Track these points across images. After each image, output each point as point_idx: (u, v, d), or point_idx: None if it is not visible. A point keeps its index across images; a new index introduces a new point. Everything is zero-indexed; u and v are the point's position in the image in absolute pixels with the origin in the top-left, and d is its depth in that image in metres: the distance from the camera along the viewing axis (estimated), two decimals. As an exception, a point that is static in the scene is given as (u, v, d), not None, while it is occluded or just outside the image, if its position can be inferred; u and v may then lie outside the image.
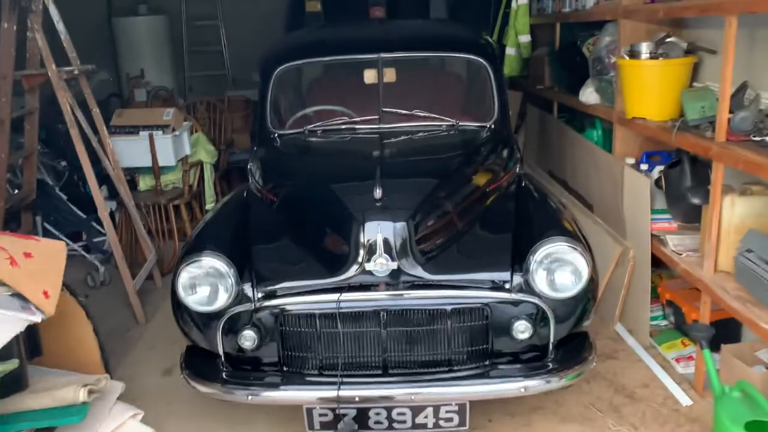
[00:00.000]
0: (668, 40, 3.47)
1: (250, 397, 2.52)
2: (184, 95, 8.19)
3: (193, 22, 8.37)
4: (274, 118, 3.60)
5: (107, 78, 8.05)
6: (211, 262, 2.54)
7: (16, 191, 4.46)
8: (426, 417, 2.53)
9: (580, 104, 4.47)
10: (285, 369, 2.60)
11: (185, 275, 2.54)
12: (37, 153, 4.85)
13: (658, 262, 3.46)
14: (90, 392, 2.42)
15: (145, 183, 5.07)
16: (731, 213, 2.85)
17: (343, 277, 2.51)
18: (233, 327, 2.58)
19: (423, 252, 2.56)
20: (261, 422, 2.96)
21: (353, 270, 2.50)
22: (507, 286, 2.53)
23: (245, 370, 2.65)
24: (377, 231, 2.48)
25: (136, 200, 4.83)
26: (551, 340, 2.59)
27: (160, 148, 4.69)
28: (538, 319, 2.55)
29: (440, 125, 3.46)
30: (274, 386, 2.54)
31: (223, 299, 2.53)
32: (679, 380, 3.20)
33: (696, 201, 3.10)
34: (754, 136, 2.63)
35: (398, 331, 2.52)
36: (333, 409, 2.52)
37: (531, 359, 2.62)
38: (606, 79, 4.04)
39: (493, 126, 3.52)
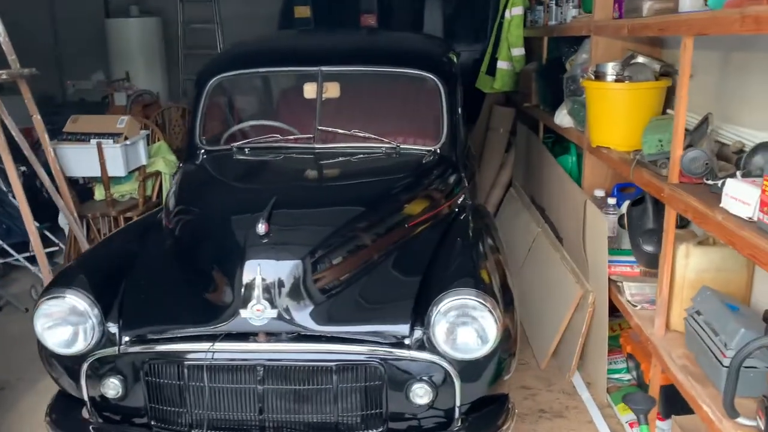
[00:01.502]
0: (636, 60, 3.08)
1: (107, 457, 2.23)
2: (178, 98, 8.01)
3: (190, 25, 8.19)
4: (203, 133, 3.31)
5: (104, 79, 7.93)
6: (73, 300, 2.25)
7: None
8: (305, 490, 2.20)
9: (557, 126, 4.09)
10: (153, 424, 2.30)
11: (43, 312, 2.25)
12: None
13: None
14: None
15: (100, 193, 4.83)
16: (685, 265, 2.46)
17: (217, 323, 2.20)
18: (98, 373, 2.28)
19: (317, 297, 2.23)
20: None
21: (227, 317, 2.18)
22: (407, 341, 2.19)
23: (114, 422, 2.35)
24: (257, 272, 2.16)
25: (90, 211, 4.62)
26: (457, 404, 2.23)
27: (109, 158, 4.46)
28: (441, 381, 2.20)
29: (380, 147, 3.13)
30: (135, 446, 2.24)
31: (81, 342, 2.24)
32: (629, 449, 2.81)
33: (648, 248, 2.71)
34: (707, 179, 2.23)
35: (277, 389, 2.20)
36: (199, 475, 2.21)
37: (434, 427, 2.27)
38: (579, 100, 3.66)
39: (438, 150, 3.16)
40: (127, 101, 6.37)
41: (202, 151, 3.25)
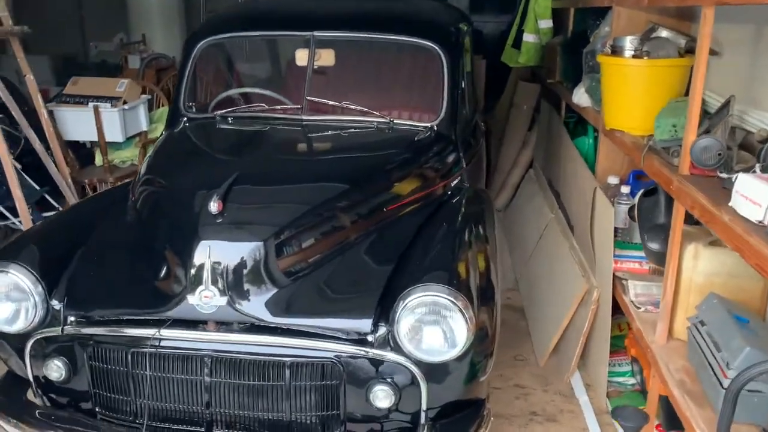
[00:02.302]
0: (658, 34, 2.76)
1: (47, 441, 2.08)
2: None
3: (213, -13, 7.97)
4: (188, 99, 3.12)
5: (123, 41, 7.80)
6: (15, 277, 2.09)
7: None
8: (251, 493, 2.03)
9: (576, 105, 3.78)
10: (98, 410, 2.14)
11: (-16, 286, 2.11)
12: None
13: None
14: None
15: (100, 158, 4.71)
16: (693, 267, 2.19)
17: (164, 309, 2.02)
18: (42, 353, 2.14)
19: (273, 285, 2.03)
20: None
21: (174, 302, 2.00)
22: (369, 338, 1.97)
23: (60, 405, 2.21)
24: (207, 254, 1.97)
25: (89, 176, 4.51)
26: (423, 408, 2.01)
27: (107, 122, 4.32)
28: (405, 383, 1.99)
29: (373, 122, 2.89)
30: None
31: (22, 321, 2.08)
32: (623, 463, 2.56)
33: (653, 245, 2.42)
34: (720, 172, 1.94)
35: (226, 382, 2.01)
36: (141, 468, 2.05)
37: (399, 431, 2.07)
38: (597, 77, 3.34)
39: (436, 127, 2.91)
40: (141, 64, 6.22)
41: (185, 118, 3.06)
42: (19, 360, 2.18)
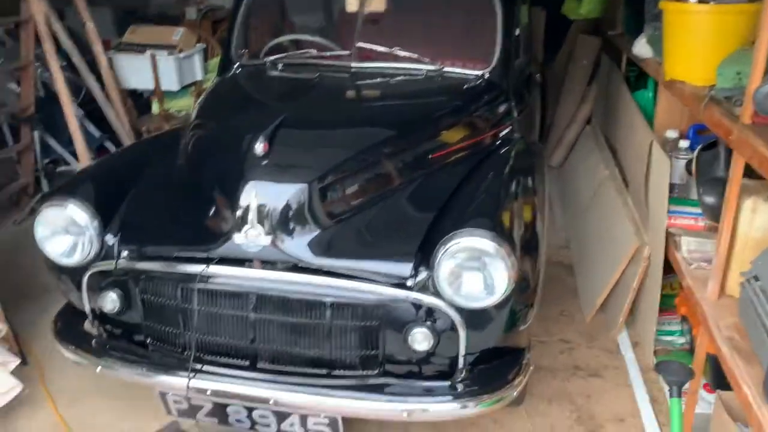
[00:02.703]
0: (728, -23, 2.59)
1: (99, 369, 2.19)
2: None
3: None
4: (239, 47, 3.14)
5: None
6: (73, 211, 2.18)
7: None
8: (292, 425, 2.10)
9: (636, 57, 3.62)
10: (149, 342, 2.24)
11: (43, 219, 2.21)
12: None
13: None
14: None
15: (157, 107, 4.81)
16: (751, 221, 2.09)
17: (213, 247, 2.07)
18: (98, 286, 2.23)
19: (316, 227, 2.06)
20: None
21: (221, 240, 2.05)
22: (409, 283, 1.98)
23: (114, 336, 2.32)
24: (252, 195, 2.00)
25: (146, 124, 4.61)
26: (461, 354, 2.02)
27: (163, 71, 4.39)
28: (443, 327, 1.99)
29: (422, 69, 2.85)
30: (127, 362, 2.18)
31: (79, 254, 2.18)
32: (666, 420, 2.53)
33: (709, 199, 2.33)
34: (786, 121, 1.84)
35: (270, 319, 2.06)
36: (188, 398, 2.14)
37: (436, 375, 2.08)
38: (659, 26, 3.17)
39: (487, 76, 2.85)
40: (197, 15, 6.26)
41: (236, 64, 3.09)
42: (77, 293, 2.29)
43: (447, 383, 2.04)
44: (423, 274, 1.98)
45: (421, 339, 1.98)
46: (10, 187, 4.39)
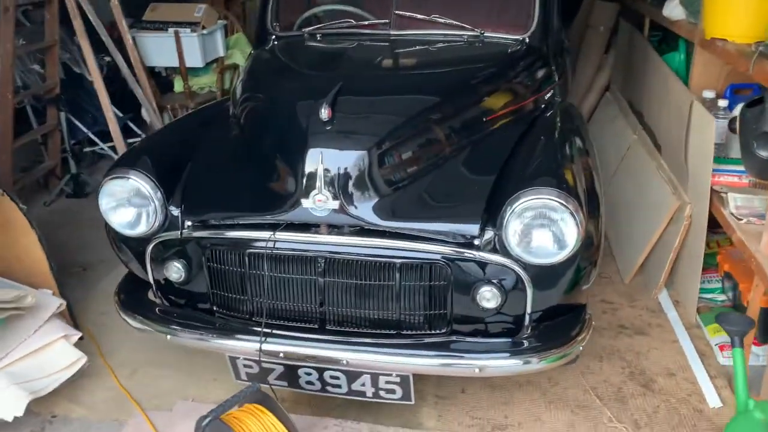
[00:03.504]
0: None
1: (169, 337, 2.23)
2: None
3: None
4: (275, 17, 3.14)
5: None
6: (136, 183, 2.20)
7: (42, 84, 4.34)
8: (363, 385, 2.14)
9: (665, 20, 3.63)
10: (215, 309, 2.28)
11: (107, 191, 2.23)
12: (75, 46, 4.72)
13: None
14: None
15: (180, 85, 4.81)
16: (807, 174, 2.13)
17: (278, 212, 2.10)
18: (162, 256, 2.27)
19: (382, 191, 2.08)
20: (212, 363, 2.66)
21: (288, 206, 2.08)
22: (476, 242, 2.02)
23: (178, 305, 2.36)
24: (319, 160, 2.02)
25: (169, 102, 4.61)
26: (528, 311, 2.07)
27: (187, 48, 4.39)
28: (510, 285, 2.04)
29: (463, 35, 2.87)
30: (197, 329, 2.22)
31: (144, 225, 2.21)
32: (716, 373, 2.58)
33: (763, 152, 2.36)
34: None
35: (338, 282, 2.10)
36: (258, 362, 2.18)
37: (502, 332, 2.13)
38: (693, -13, 3.20)
39: (527, 40, 2.87)
40: (212, -8, 6.22)
41: (273, 36, 3.09)
42: (138, 262, 2.33)
43: (513, 340, 2.09)
44: (489, 233, 2.02)
45: (489, 297, 2.03)
46: (38, 169, 4.41)
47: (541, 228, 1.96)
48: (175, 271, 2.24)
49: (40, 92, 4.26)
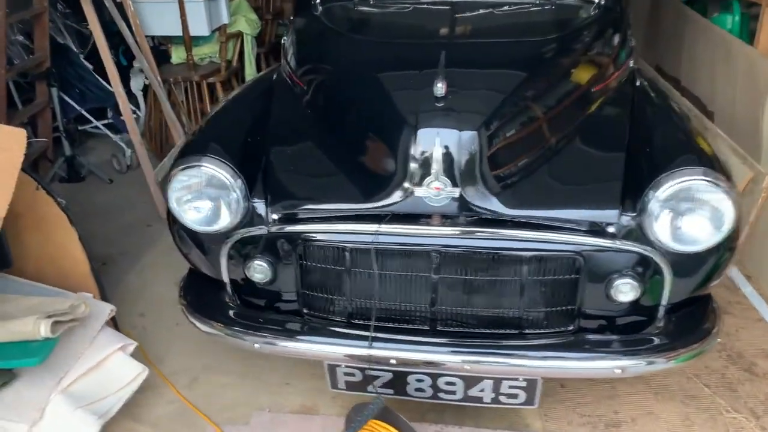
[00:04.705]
0: None
1: (258, 346, 1.96)
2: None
3: None
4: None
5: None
6: (212, 170, 1.90)
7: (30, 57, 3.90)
8: (482, 391, 1.93)
9: (714, -20, 3.46)
10: (305, 312, 2.02)
11: (179, 184, 1.92)
12: (58, 14, 4.27)
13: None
14: (56, 324, 1.90)
15: (178, 55, 4.40)
16: None
17: (384, 202, 1.84)
18: (241, 254, 1.99)
19: (504, 176, 1.85)
20: (280, 366, 2.42)
21: (398, 194, 1.82)
22: (611, 230, 1.81)
23: (257, 307, 2.08)
24: (435, 142, 1.77)
25: (167, 75, 4.21)
26: (663, 303, 1.89)
27: (191, 15, 3.98)
28: (648, 276, 1.85)
29: (529, -2, 2.62)
30: (291, 334, 1.96)
31: (226, 219, 1.91)
32: (815, 352, 2.48)
33: None
34: None
35: (454, 278, 1.87)
36: (362, 369, 1.95)
37: (629, 326, 1.95)
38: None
39: (603, 2, 2.64)
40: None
41: (318, 1, 2.77)
42: (210, 261, 2.04)
43: (649, 335, 1.91)
44: (627, 220, 1.81)
45: (627, 290, 1.83)
46: (28, 151, 3.97)
47: (692, 213, 1.76)
48: (260, 270, 1.97)
49: (26, 66, 3.82)
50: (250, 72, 4.65)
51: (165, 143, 4.36)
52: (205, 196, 1.93)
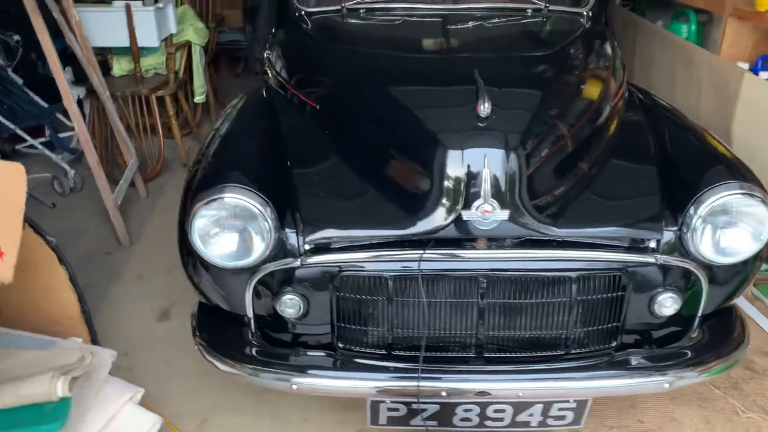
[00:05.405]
0: None
1: (295, 386, 1.82)
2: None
3: None
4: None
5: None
6: (237, 200, 1.75)
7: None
8: (531, 415, 1.89)
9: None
10: (340, 346, 1.90)
11: (202, 222, 1.75)
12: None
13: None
14: (72, 380, 1.69)
15: (120, 67, 4.12)
16: None
17: (429, 226, 1.76)
18: (269, 288, 1.84)
19: (546, 195, 1.81)
20: (296, 401, 2.28)
21: (443, 218, 1.74)
22: (652, 245, 1.81)
23: (282, 343, 1.94)
24: (483, 163, 1.70)
25: (112, 89, 3.92)
26: (699, 314, 1.92)
27: (139, 25, 3.74)
28: (687, 288, 1.87)
29: (524, 8, 2.63)
30: (330, 371, 1.84)
31: (259, 250, 1.76)
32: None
33: None
34: None
35: (503, 303, 1.82)
36: (408, 403, 1.85)
37: (664, 339, 1.96)
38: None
39: (590, 14, 2.68)
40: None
41: (303, 13, 2.66)
42: (230, 297, 1.89)
43: (689, 347, 1.93)
44: (668, 234, 1.83)
45: (669, 303, 1.85)
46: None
47: (732, 226, 1.79)
48: (291, 305, 1.83)
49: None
50: (199, 83, 4.42)
51: (110, 161, 4.05)
52: (234, 229, 1.77)
